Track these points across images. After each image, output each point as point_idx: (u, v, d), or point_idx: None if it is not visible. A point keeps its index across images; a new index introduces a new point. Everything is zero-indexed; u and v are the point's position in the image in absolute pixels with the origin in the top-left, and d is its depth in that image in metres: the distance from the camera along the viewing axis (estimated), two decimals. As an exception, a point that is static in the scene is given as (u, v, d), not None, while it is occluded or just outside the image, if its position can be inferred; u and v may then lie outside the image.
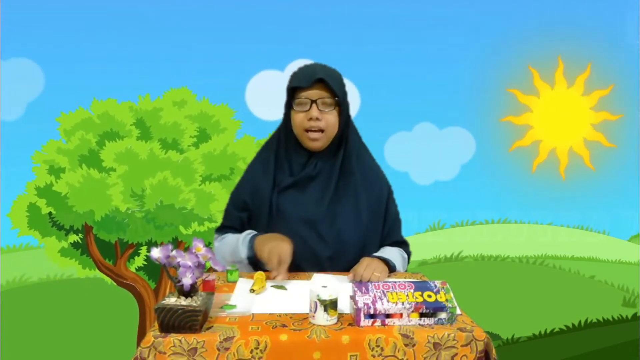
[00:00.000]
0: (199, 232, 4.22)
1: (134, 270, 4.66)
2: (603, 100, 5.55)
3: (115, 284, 4.59)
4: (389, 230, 1.69)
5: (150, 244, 4.35)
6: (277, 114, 1.70)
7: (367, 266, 1.44)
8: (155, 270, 4.73)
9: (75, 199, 4.07)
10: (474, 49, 5.49)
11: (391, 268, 1.54)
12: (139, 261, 4.74)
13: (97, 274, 4.67)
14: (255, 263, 1.54)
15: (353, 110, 1.67)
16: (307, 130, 1.55)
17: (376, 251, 1.63)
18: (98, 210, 4.08)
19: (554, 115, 5.59)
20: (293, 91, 1.56)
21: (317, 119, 1.53)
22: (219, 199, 4.21)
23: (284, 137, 1.63)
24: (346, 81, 1.64)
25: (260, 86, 5.22)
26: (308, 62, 1.63)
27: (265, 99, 5.10)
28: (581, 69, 5.49)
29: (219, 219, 4.22)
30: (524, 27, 5.48)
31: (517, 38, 5.49)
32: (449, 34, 5.48)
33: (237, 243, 1.59)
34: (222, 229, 1.73)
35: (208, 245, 1.63)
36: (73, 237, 4.46)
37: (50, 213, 4.29)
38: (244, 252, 1.56)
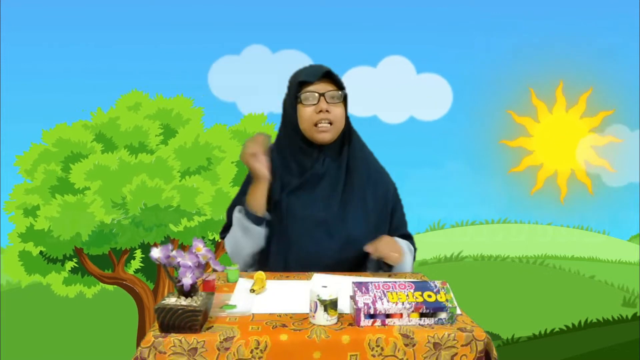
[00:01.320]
0: (190, 227, 4.20)
1: (132, 273, 4.67)
2: (606, 121, 5.80)
3: (115, 286, 4.61)
4: (397, 226, 1.70)
5: (143, 246, 4.36)
6: (368, 111, 1.74)
7: (386, 243, 1.50)
8: (152, 271, 4.75)
9: (59, 228, 4.07)
10: (476, 68, 5.57)
11: (404, 254, 1.58)
12: (136, 264, 4.76)
13: (102, 286, 4.71)
14: (259, 221, 1.58)
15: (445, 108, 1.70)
16: (316, 124, 1.56)
17: None
18: (84, 231, 4.07)
19: (554, 138, 5.93)
20: (300, 87, 1.58)
21: (327, 111, 1.55)
22: (204, 191, 4.19)
23: (287, 137, 1.64)
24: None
25: (353, 82, 5.24)
26: (400, 59, 1.68)
27: (358, 94, 5.14)
28: (583, 90, 5.70)
29: (207, 212, 4.22)
30: (527, 49, 5.58)
31: (520, 60, 5.61)
32: (453, 53, 5.52)
33: (237, 219, 1.62)
34: (227, 229, 1.73)
35: (213, 240, 1.63)
36: (70, 264, 4.49)
37: (41, 252, 4.30)
38: (240, 214, 1.60)
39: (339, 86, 1.58)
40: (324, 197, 1.60)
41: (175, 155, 4.25)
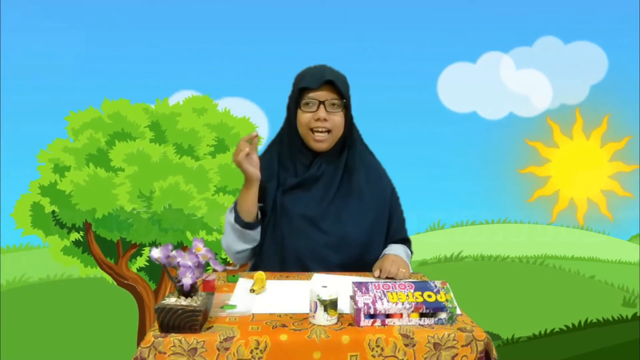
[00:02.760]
0: (207, 241, 4.18)
1: (135, 271, 4.65)
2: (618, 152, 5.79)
3: (115, 283, 4.59)
4: (395, 229, 1.70)
5: (154, 245, 4.33)
6: (468, 106, 1.71)
7: (392, 262, 1.49)
8: (156, 271, 4.73)
9: (79, 197, 4.03)
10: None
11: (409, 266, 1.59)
12: (141, 261, 4.73)
13: (98, 273, 4.66)
14: (248, 225, 1.60)
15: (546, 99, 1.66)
16: (313, 131, 1.56)
17: (381, 249, 1.65)
18: (100, 208, 4.05)
19: (573, 166, 5.86)
20: (301, 92, 1.58)
21: (325, 119, 1.55)
22: None
23: (288, 137, 1.64)
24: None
25: (451, 78, 5.22)
26: (498, 54, 1.65)
27: (457, 90, 5.10)
28: (598, 123, 5.68)
29: (229, 233, 4.20)
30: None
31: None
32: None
33: (228, 221, 1.65)
34: None
35: (225, 259, 1.64)
36: (75, 235, 4.44)
37: (53, 212, 4.27)
38: (231, 217, 1.62)
39: (341, 93, 1.57)
40: (320, 196, 1.61)
41: (217, 170, 4.23)
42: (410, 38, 5.24)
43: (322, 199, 1.60)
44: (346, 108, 1.60)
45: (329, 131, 1.57)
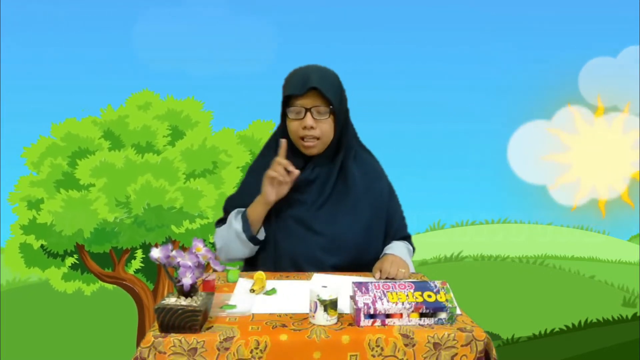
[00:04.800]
0: (191, 230, 4.19)
1: (132, 273, 4.66)
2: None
3: (115, 285, 4.60)
4: (396, 229, 1.69)
5: (145, 247, 4.34)
6: (613, 100, 1.66)
7: (392, 263, 1.47)
8: (152, 271, 4.74)
9: (61, 223, 4.06)
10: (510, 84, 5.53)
11: (409, 265, 1.58)
12: (136, 264, 4.75)
13: (101, 285, 4.68)
14: (253, 238, 1.57)
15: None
16: (303, 138, 1.54)
17: (378, 252, 1.63)
18: (86, 227, 4.06)
19: (594, 153, 5.78)
20: (287, 98, 1.54)
21: (312, 127, 1.51)
22: (207, 194, 4.17)
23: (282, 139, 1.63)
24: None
25: (594, 73, 5.21)
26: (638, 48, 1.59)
27: (599, 84, 5.09)
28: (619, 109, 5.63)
29: (210, 215, 4.21)
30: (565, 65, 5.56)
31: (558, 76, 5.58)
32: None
33: (231, 221, 1.61)
34: (219, 223, 1.73)
35: (214, 243, 1.61)
36: (70, 260, 4.47)
37: (42, 245, 4.29)
38: (239, 225, 1.57)
39: (328, 101, 1.51)
40: (313, 198, 1.59)
41: (181, 157, 4.25)
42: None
43: (316, 201, 1.59)
44: (335, 113, 1.55)
45: (318, 138, 1.54)
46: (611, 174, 5.74)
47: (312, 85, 1.49)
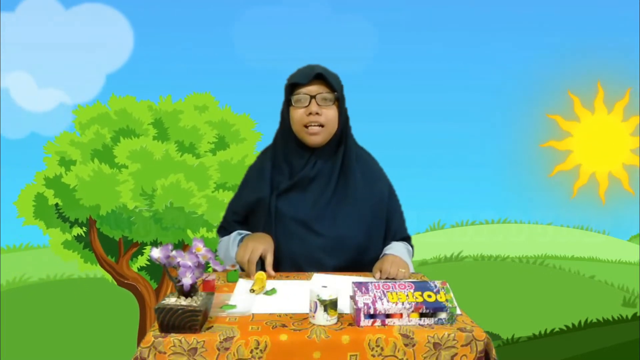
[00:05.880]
0: (207, 238, 4.18)
1: (136, 270, 4.64)
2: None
3: (115, 283, 4.58)
4: (396, 229, 1.69)
5: (155, 244, 4.33)
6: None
7: (392, 263, 1.47)
8: (157, 270, 4.71)
9: (83, 192, 4.04)
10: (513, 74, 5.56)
11: (409, 266, 1.58)
12: (142, 261, 4.72)
13: (98, 272, 4.64)
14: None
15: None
16: (307, 126, 1.55)
17: (378, 252, 1.63)
18: (104, 205, 4.05)
19: (594, 140, 5.70)
20: (292, 89, 1.57)
21: (317, 113, 1.54)
22: None
23: (282, 139, 1.64)
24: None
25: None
26: None
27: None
28: (620, 95, 5.56)
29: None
30: (564, 51, 5.56)
31: (557, 63, 5.57)
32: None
33: (229, 243, 1.64)
34: (221, 230, 1.77)
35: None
36: (77, 230, 4.42)
37: (56, 204, 4.26)
38: (233, 252, 1.59)
39: (332, 88, 1.56)
40: (314, 198, 1.59)
41: (218, 167, 4.25)
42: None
43: (317, 201, 1.59)
44: (339, 101, 1.58)
45: (322, 125, 1.56)
46: (611, 161, 5.68)
47: (318, 72, 1.54)
